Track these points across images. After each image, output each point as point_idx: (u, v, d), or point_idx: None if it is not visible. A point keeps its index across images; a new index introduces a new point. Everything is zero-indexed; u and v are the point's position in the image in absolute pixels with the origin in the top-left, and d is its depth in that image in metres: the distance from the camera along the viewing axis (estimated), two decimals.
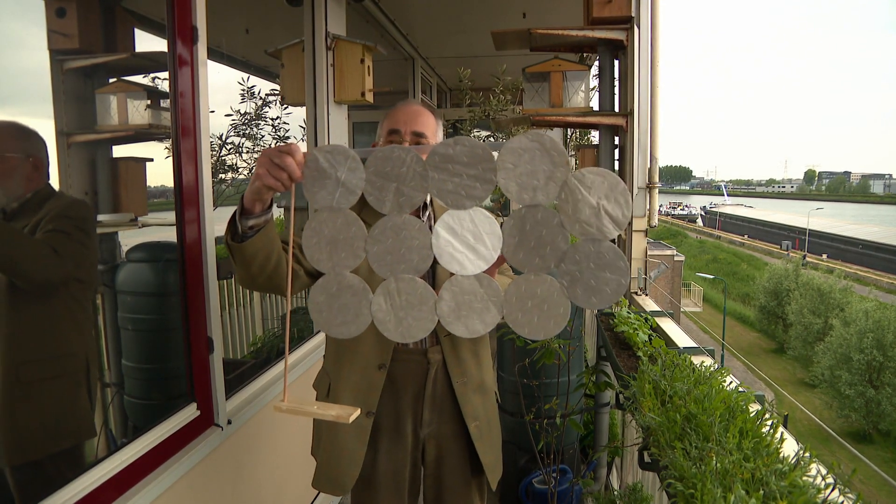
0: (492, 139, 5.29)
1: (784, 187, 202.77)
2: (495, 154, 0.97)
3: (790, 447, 1.08)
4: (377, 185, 1.01)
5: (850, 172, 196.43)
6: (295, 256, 1.41)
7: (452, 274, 1.02)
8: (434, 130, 1.59)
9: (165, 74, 1.74)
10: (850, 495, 0.90)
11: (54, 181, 1.60)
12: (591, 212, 0.94)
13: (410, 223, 1.01)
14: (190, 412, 1.77)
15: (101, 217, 1.89)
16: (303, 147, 1.10)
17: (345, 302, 1.06)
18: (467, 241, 0.99)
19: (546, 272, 0.98)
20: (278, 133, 4.35)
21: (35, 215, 1.48)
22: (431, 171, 0.98)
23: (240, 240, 1.23)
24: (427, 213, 1.62)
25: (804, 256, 41.73)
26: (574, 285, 0.97)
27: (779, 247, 52.12)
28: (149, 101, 1.97)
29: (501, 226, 0.99)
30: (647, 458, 1.31)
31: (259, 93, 4.21)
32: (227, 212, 1.25)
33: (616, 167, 2.96)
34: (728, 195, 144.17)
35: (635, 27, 2.70)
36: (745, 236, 64.04)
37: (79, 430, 1.61)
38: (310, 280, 1.41)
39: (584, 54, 3.42)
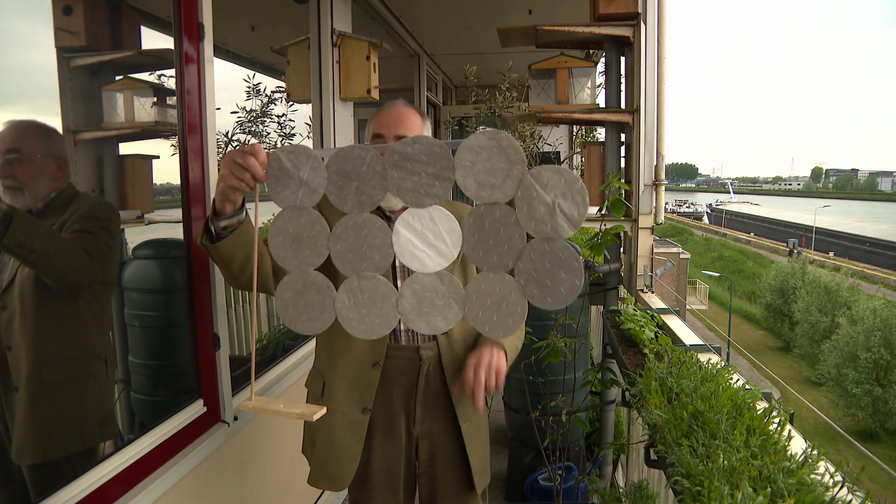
0: None
1: (791, 185, 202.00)
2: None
3: (798, 445, 1.07)
4: (339, 183, 1.02)
5: (858, 170, 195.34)
6: None
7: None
8: (419, 131, 1.56)
9: (172, 72, 1.74)
10: (858, 493, 0.89)
11: None
12: (546, 210, 0.93)
13: (371, 222, 1.02)
14: (196, 409, 1.77)
15: None
16: (309, 144, 1.11)
17: (310, 299, 1.07)
18: (427, 238, 1.00)
19: (505, 270, 0.98)
20: (284, 130, 4.36)
21: (61, 215, 1.49)
22: (391, 169, 0.98)
23: (215, 241, 1.25)
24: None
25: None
26: (530, 284, 0.97)
27: (785, 244, 51.91)
28: (155, 99, 1.97)
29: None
30: (653, 456, 1.30)
31: (265, 90, 4.22)
32: None
33: (622, 164, 2.96)
34: (734, 193, 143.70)
35: (642, 23, 2.69)
36: (752, 234, 63.79)
37: (101, 430, 1.62)
38: None
39: (591, 51, 3.41)
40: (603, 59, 3.04)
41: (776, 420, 1.14)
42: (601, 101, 3.09)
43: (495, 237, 0.96)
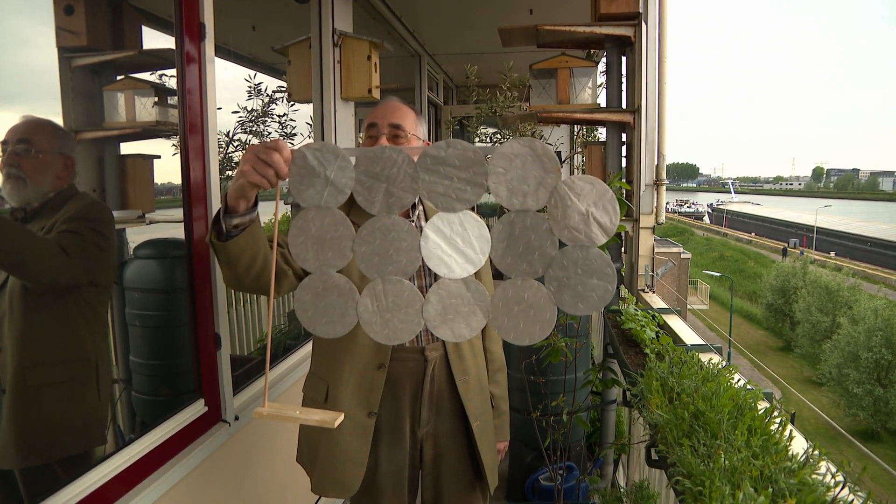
0: (498, 136, 5.27)
1: (792, 184, 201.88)
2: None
3: (799, 445, 1.07)
4: (367, 184, 0.99)
5: (859, 170, 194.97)
6: (284, 256, 1.40)
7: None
8: (413, 124, 1.59)
9: (173, 71, 1.75)
10: (860, 493, 0.89)
11: None
12: (580, 218, 0.93)
13: (399, 225, 1.00)
14: (197, 408, 1.77)
15: None
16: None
17: (330, 301, 1.05)
18: (456, 244, 0.98)
19: (534, 277, 0.97)
20: (285, 130, 4.36)
21: (55, 215, 1.47)
22: (422, 172, 0.97)
23: (224, 239, 1.20)
24: (417, 212, 1.62)
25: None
26: (561, 291, 0.96)
27: (788, 245, 51.88)
28: (156, 98, 1.98)
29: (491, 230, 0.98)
30: (654, 456, 1.30)
31: (266, 90, 4.22)
32: None
33: (623, 164, 2.95)
34: (735, 192, 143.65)
35: (643, 23, 2.69)
36: (753, 234, 63.73)
37: (88, 436, 1.58)
38: (298, 281, 1.38)
39: (592, 51, 3.41)
40: (604, 59, 3.04)
41: (777, 420, 1.14)
42: (602, 100, 3.09)
43: (525, 244, 0.96)
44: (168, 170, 1.97)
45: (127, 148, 1.95)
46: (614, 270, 0.95)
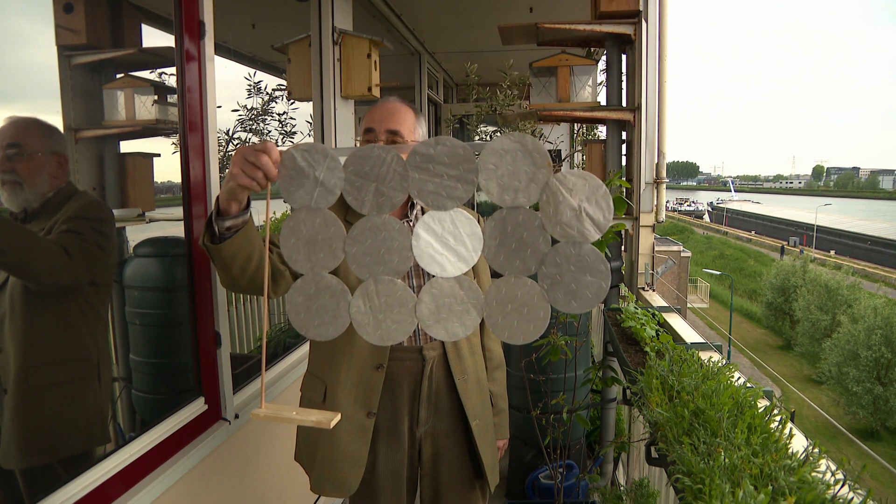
0: (499, 134, 5.27)
1: (792, 183, 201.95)
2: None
3: (799, 443, 1.07)
4: (356, 184, 0.98)
5: (859, 168, 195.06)
6: (281, 257, 1.40)
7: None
8: (411, 127, 1.57)
9: (173, 70, 1.74)
10: (859, 491, 0.89)
11: None
12: (573, 214, 0.92)
13: (390, 224, 0.99)
14: (197, 406, 1.77)
15: None
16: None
17: (323, 303, 1.04)
18: (448, 242, 0.97)
19: (527, 275, 0.96)
20: (285, 128, 4.35)
21: (55, 215, 1.46)
22: (412, 170, 0.96)
23: (217, 241, 1.20)
24: (415, 212, 1.61)
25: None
26: (554, 289, 0.95)
27: (786, 243, 51.91)
28: (156, 97, 1.97)
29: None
30: (654, 454, 1.31)
31: (266, 88, 4.21)
32: None
33: (623, 162, 2.95)
34: (735, 191, 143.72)
35: (643, 21, 2.69)
36: (753, 232, 63.72)
37: (90, 435, 1.58)
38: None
39: (592, 49, 3.40)
40: (604, 57, 3.03)
41: (777, 418, 1.14)
42: (602, 98, 3.08)
43: (518, 241, 0.94)
44: (168, 168, 1.96)
45: (127, 146, 1.95)
46: (608, 267, 0.93)
